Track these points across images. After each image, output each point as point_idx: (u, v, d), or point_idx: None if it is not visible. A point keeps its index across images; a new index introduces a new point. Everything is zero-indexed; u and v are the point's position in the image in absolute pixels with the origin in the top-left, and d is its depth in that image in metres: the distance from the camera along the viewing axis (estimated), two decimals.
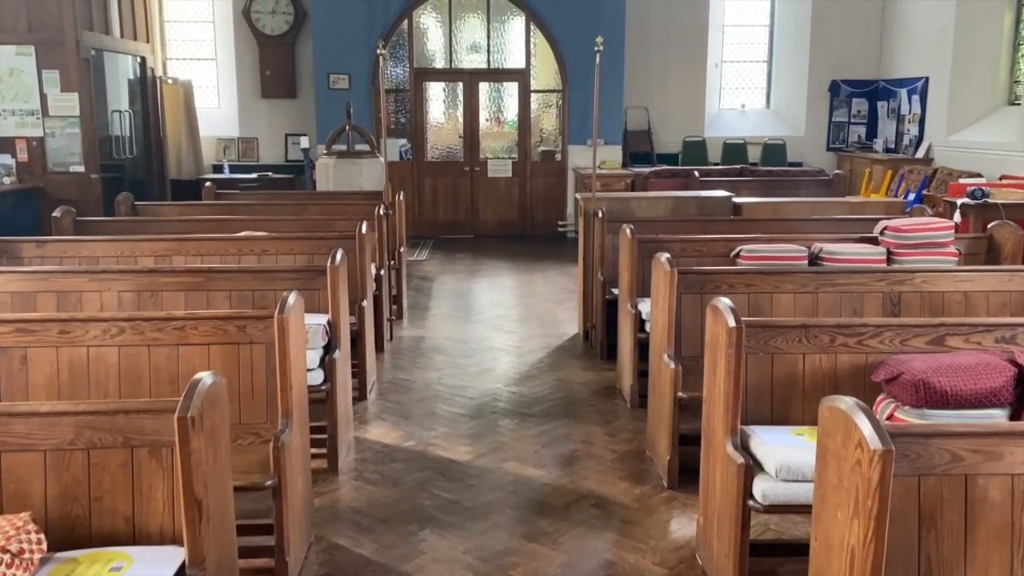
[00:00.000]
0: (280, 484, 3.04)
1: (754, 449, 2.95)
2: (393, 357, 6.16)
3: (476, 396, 5.31)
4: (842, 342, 3.18)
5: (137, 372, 3.34)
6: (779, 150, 12.44)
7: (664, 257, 4.14)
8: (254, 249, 5.42)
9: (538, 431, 4.73)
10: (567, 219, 11.65)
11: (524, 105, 11.61)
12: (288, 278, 4.42)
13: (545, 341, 6.54)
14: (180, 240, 5.43)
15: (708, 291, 4.25)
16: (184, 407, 2.13)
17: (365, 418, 4.95)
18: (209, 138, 11.96)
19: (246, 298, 4.41)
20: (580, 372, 5.80)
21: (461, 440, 4.61)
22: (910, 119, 11.68)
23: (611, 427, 4.79)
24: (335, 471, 4.20)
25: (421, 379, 5.64)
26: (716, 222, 6.14)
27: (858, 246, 5.14)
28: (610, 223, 6.02)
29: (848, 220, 6.15)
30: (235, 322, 3.36)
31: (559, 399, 5.26)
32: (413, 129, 11.64)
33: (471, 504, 3.86)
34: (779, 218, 6.23)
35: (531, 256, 10.19)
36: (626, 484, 4.07)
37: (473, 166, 11.69)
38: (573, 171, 11.51)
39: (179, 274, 4.43)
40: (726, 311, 3.02)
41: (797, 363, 3.19)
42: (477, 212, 11.77)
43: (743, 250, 5.07)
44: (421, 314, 7.42)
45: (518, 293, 8.28)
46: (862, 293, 4.27)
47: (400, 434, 4.70)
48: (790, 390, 3.20)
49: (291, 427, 3.18)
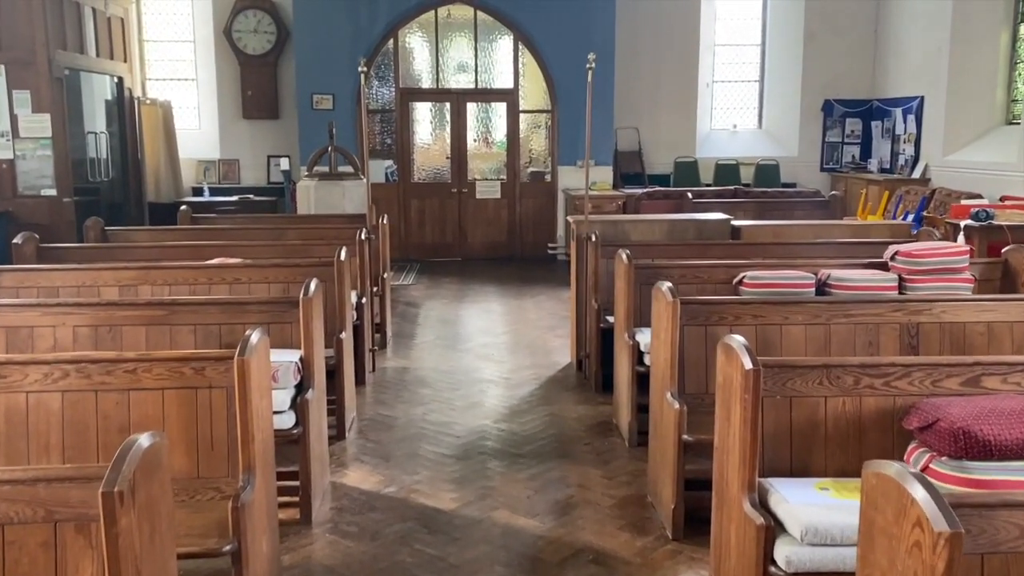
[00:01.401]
0: (240, 549, 2.69)
1: (774, 507, 2.62)
2: (375, 390, 5.81)
3: (463, 434, 4.97)
4: (867, 384, 2.87)
5: (83, 421, 2.99)
6: (772, 171, 12.20)
7: (666, 287, 3.82)
8: (225, 278, 5.08)
9: (529, 474, 4.39)
10: (557, 241, 11.35)
11: (513, 125, 11.34)
12: (258, 311, 4.08)
13: (536, 372, 6.21)
14: (146, 269, 5.09)
15: (713, 323, 3.94)
16: (111, 479, 1.79)
17: (343, 460, 4.59)
18: (189, 160, 11.63)
19: (212, 333, 4.06)
20: (573, 406, 5.46)
21: (446, 485, 4.26)
22: (905, 139, 11.47)
23: (608, 468, 4.46)
24: (308, 522, 3.84)
25: (404, 415, 5.29)
26: (715, 246, 5.84)
27: (868, 272, 4.84)
28: (604, 247, 5.71)
29: (853, 244, 5.87)
30: (192, 364, 3.02)
31: (552, 437, 4.92)
32: (399, 150, 11.34)
33: (457, 561, 3.51)
34: (780, 242, 5.94)
35: (520, 280, 9.87)
36: (626, 535, 3.73)
37: (461, 187, 11.40)
38: (563, 192, 11.23)
39: (140, 307, 4.09)
40: (741, 351, 2.70)
41: (818, 407, 2.87)
42: (465, 234, 11.46)
43: (746, 277, 4.77)
44: (406, 343, 7.08)
45: (507, 319, 7.95)
46: (877, 324, 3.97)
47: (380, 479, 4.34)
48: (811, 437, 2.88)
49: (253, 483, 2.83)
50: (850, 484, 2.72)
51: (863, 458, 2.83)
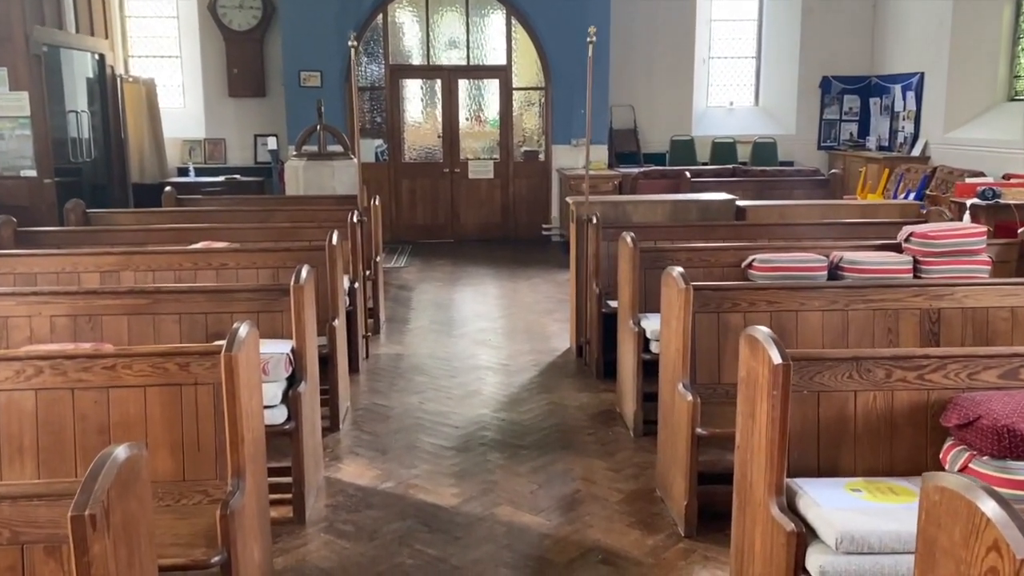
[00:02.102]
0: (230, 559, 2.50)
1: (804, 511, 2.44)
2: (369, 379, 5.61)
3: (461, 424, 4.78)
4: (900, 377, 2.69)
5: (59, 422, 2.78)
6: (769, 149, 12.00)
7: (677, 272, 3.63)
8: (212, 263, 4.86)
9: (532, 467, 4.21)
10: (551, 222, 11.14)
11: (506, 103, 11.09)
12: (247, 299, 3.87)
13: (534, 358, 6.02)
14: (128, 254, 4.86)
15: (726, 310, 3.75)
16: (81, 501, 1.59)
17: (337, 453, 4.40)
18: (174, 139, 11.33)
19: (198, 323, 3.85)
20: (575, 394, 5.28)
21: (446, 480, 4.07)
22: (905, 116, 11.28)
23: (614, 460, 4.28)
24: (302, 521, 3.65)
25: (400, 405, 5.10)
26: (719, 227, 5.65)
27: (882, 255, 4.66)
28: (605, 229, 5.52)
29: (861, 224, 5.69)
30: (176, 359, 2.81)
31: (554, 427, 4.74)
32: (389, 129, 11.08)
33: (459, 562, 3.33)
34: (787, 223, 5.75)
35: (515, 262, 9.66)
36: (637, 533, 3.56)
37: (453, 167, 11.15)
38: (557, 172, 11.00)
39: (121, 296, 3.86)
40: (768, 343, 2.51)
41: (847, 402, 2.69)
42: (457, 215, 11.23)
43: (756, 260, 4.58)
44: (400, 328, 6.87)
45: (503, 303, 7.75)
46: (897, 310, 3.79)
47: (377, 473, 4.15)
48: (839, 435, 2.70)
49: (243, 488, 2.63)
50: (883, 485, 2.55)
51: (895, 456, 2.67)
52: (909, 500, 2.44)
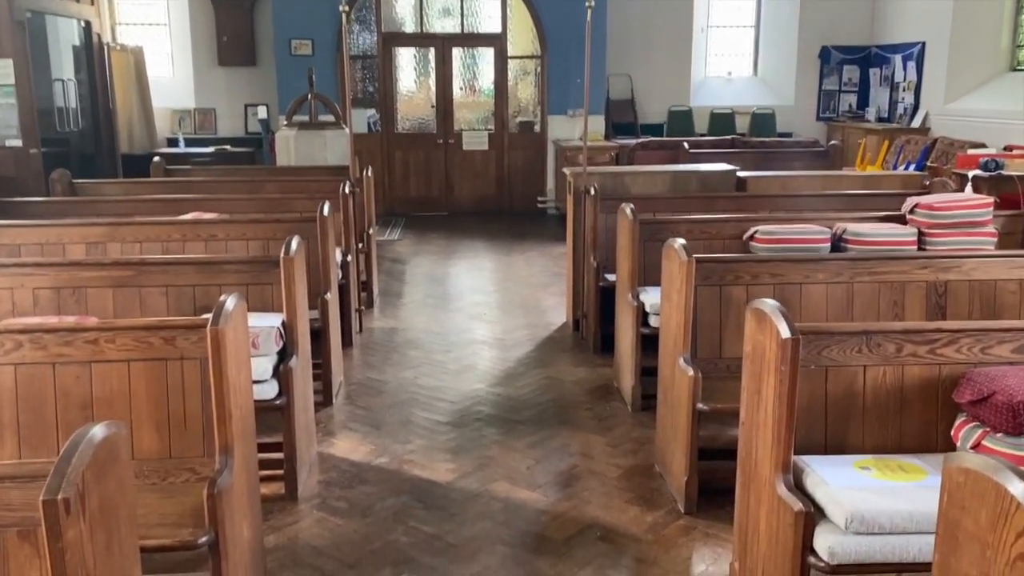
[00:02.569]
0: (218, 540, 2.42)
1: (812, 489, 2.36)
2: (363, 353, 5.52)
3: (457, 399, 4.70)
4: (910, 351, 2.60)
5: (40, 397, 2.68)
6: (768, 120, 11.86)
7: (679, 244, 3.53)
8: (200, 234, 4.74)
9: (529, 442, 4.13)
10: (547, 195, 11.01)
11: (500, 73, 10.91)
12: (236, 272, 3.76)
13: (530, 332, 5.93)
14: (115, 225, 4.74)
15: (728, 282, 3.66)
16: (54, 485, 1.49)
17: (330, 428, 4.32)
18: (163, 109, 11.14)
19: (186, 295, 3.74)
20: (571, 368, 5.19)
21: (441, 455, 3.99)
22: (905, 87, 11.14)
23: (612, 436, 4.20)
24: (294, 498, 3.57)
25: (394, 379, 5.01)
26: (720, 199, 5.55)
27: (886, 227, 4.57)
28: (603, 201, 5.41)
29: (864, 196, 5.59)
30: (161, 333, 2.71)
31: (550, 402, 4.66)
32: (382, 98, 10.90)
33: (455, 540, 3.26)
34: (788, 194, 5.64)
35: (510, 235, 9.55)
36: (635, 509, 3.49)
37: (447, 138, 10.99)
38: (553, 143, 10.85)
39: (106, 267, 3.75)
40: (776, 317, 2.42)
41: (856, 377, 2.61)
42: (452, 187, 11.09)
43: (758, 232, 4.48)
44: (393, 302, 6.77)
45: (498, 277, 7.65)
46: (903, 283, 3.70)
47: (371, 448, 4.07)
48: (848, 411, 2.62)
49: (231, 466, 2.54)
50: (892, 462, 2.47)
51: (904, 433, 2.59)
52: (920, 478, 2.36)
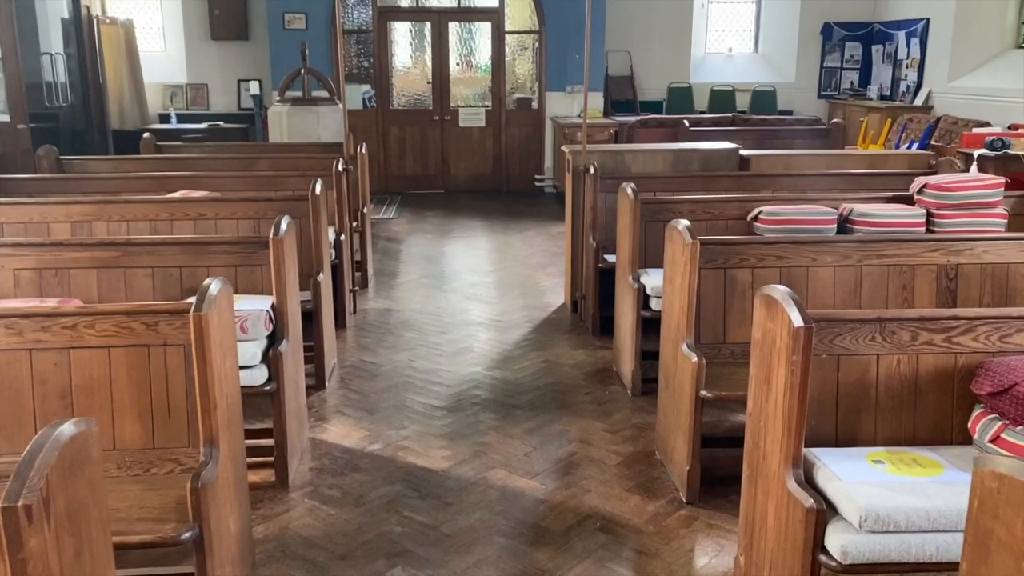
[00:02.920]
0: (202, 535, 2.31)
1: (823, 484, 2.26)
2: (357, 335, 5.40)
3: (453, 383, 4.59)
4: (926, 340, 2.49)
5: (16, 386, 2.57)
6: (769, 97, 11.70)
7: (683, 225, 3.41)
8: (189, 213, 4.60)
9: (527, 428, 4.03)
10: (545, 173, 10.86)
11: (497, 48, 10.72)
12: (224, 252, 3.64)
13: (528, 314, 5.82)
14: (101, 203, 4.60)
15: (733, 265, 3.54)
16: (14, 490, 1.37)
17: (323, 412, 4.21)
18: (155, 84, 10.95)
19: (172, 277, 3.62)
20: (570, 351, 5.09)
21: (437, 441, 3.89)
22: (908, 64, 10.97)
23: (611, 421, 4.10)
24: (284, 486, 3.47)
25: (389, 362, 4.90)
26: (722, 178, 5.42)
27: (894, 207, 4.45)
28: (603, 180, 5.28)
29: (869, 175, 5.46)
30: (143, 318, 2.59)
31: (548, 386, 4.56)
32: (377, 74, 10.71)
33: (451, 531, 3.16)
34: (792, 173, 5.52)
35: (507, 214, 9.41)
36: (636, 499, 3.39)
37: (443, 115, 10.82)
38: (551, 120, 10.69)
39: (90, 248, 3.62)
40: (788, 304, 2.30)
41: (869, 367, 2.50)
42: (448, 165, 10.93)
43: (763, 212, 4.36)
44: (388, 282, 6.65)
45: (495, 257, 7.53)
46: (912, 266, 3.59)
47: (364, 434, 3.97)
48: (860, 401, 2.51)
49: (216, 458, 2.43)
50: (906, 456, 2.37)
51: (918, 424, 2.48)
52: (936, 473, 2.26)
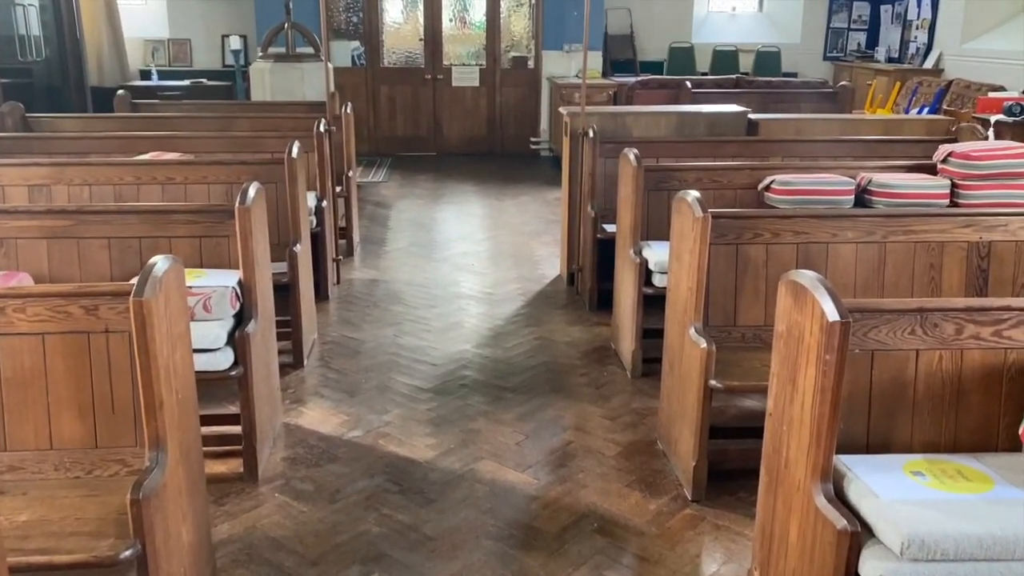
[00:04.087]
0: (145, 552, 2.02)
1: (856, 501, 1.98)
2: (340, 307, 5.09)
3: (440, 362, 4.30)
4: (972, 333, 2.19)
5: None
6: (773, 59, 11.30)
7: (692, 197, 3.09)
8: (156, 176, 4.26)
9: (518, 414, 3.74)
10: (540, 135, 10.49)
11: (493, 4, 10.27)
12: (186, 222, 3.30)
13: (521, 286, 5.51)
14: (61, 165, 4.26)
15: (746, 240, 3.23)
16: None
17: (300, 394, 3.92)
18: (135, 39, 10.49)
19: (131, 249, 3.29)
20: (565, 327, 4.79)
21: (421, 428, 3.60)
22: (918, 25, 10.57)
23: (609, 406, 3.82)
24: (254, 478, 3.18)
25: (373, 338, 4.60)
26: (730, 143, 5.08)
27: (915, 178, 4.13)
28: (603, 144, 4.94)
29: (886, 142, 5.13)
30: (81, 301, 2.27)
31: (542, 365, 4.27)
32: (367, 30, 10.27)
33: (434, 532, 2.88)
34: (803, 138, 5.18)
35: (501, 178, 9.06)
36: (636, 495, 3.11)
37: (435, 74, 10.40)
38: (547, 80, 10.28)
39: (39, 216, 3.29)
40: (820, 293, 2.00)
41: (907, 363, 2.20)
42: (440, 127, 10.54)
43: (775, 182, 4.04)
44: (375, 250, 6.32)
45: (488, 224, 7.20)
46: (941, 243, 3.28)
47: (343, 419, 3.68)
48: (896, 402, 2.22)
49: (163, 463, 2.13)
50: (949, 466, 2.09)
51: (960, 429, 2.19)
52: (986, 488, 1.98)
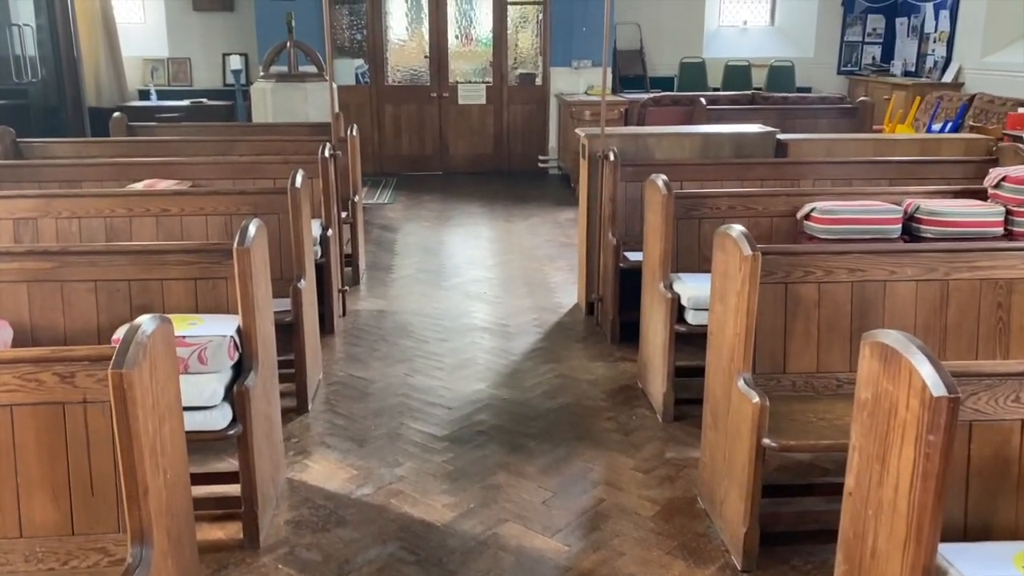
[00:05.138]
0: None
1: None
2: (346, 342, 4.80)
3: (454, 404, 4.00)
4: None
5: None
6: (786, 73, 11.03)
7: (738, 232, 2.79)
8: (150, 208, 3.98)
9: (542, 465, 3.44)
10: (549, 153, 10.22)
11: (499, 20, 10.03)
12: (180, 263, 3.01)
13: (537, 316, 5.21)
14: (48, 197, 3.98)
15: (796, 279, 2.93)
16: None
17: (304, 444, 3.62)
18: (134, 58, 10.26)
19: (119, 293, 3.00)
20: (586, 363, 4.49)
21: (437, 483, 3.30)
22: (936, 38, 10.30)
23: (641, 457, 3.51)
24: (254, 545, 2.87)
25: (382, 377, 4.30)
26: (758, 165, 4.80)
27: (966, 204, 3.85)
28: (624, 168, 4.66)
29: (923, 163, 4.84)
30: (55, 367, 1.98)
31: (564, 408, 3.96)
32: (371, 48, 10.03)
33: None
34: (835, 160, 4.89)
35: (510, 198, 8.78)
36: (680, 565, 2.80)
37: (441, 92, 10.15)
38: (556, 97, 10.03)
39: (19, 257, 3.00)
40: (918, 359, 1.70)
41: (1010, 436, 1.90)
42: (447, 145, 10.27)
43: (816, 210, 3.76)
44: (382, 278, 6.03)
45: (498, 247, 6.91)
46: (1010, 280, 2.98)
47: (352, 474, 3.37)
48: (998, 480, 1.92)
49: (148, 560, 1.83)
50: None
51: None
52: None
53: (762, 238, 3.79)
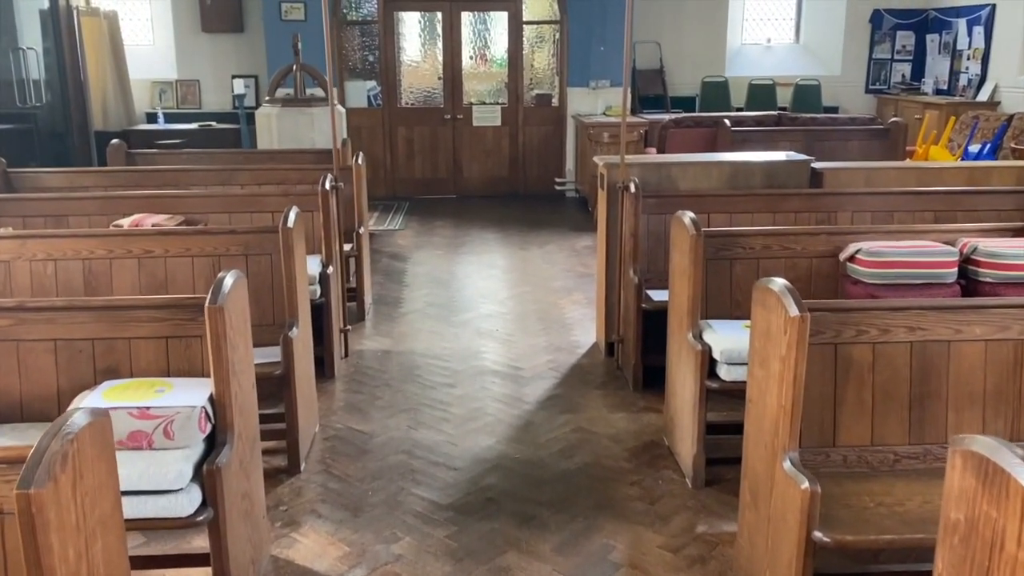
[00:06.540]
0: None
1: None
2: (348, 387, 4.46)
3: (461, 464, 3.64)
4: None
5: None
6: (813, 92, 10.65)
7: (781, 285, 2.43)
8: (132, 249, 3.69)
9: (557, 543, 3.07)
10: (566, 176, 9.88)
11: (515, 40, 9.73)
12: (149, 320, 2.69)
13: (553, 358, 4.85)
14: (22, 238, 3.69)
15: (847, 339, 2.56)
16: None
17: (294, 513, 3.27)
18: (142, 81, 10.06)
19: (82, 354, 2.68)
20: (606, 414, 4.12)
21: (439, 565, 2.93)
22: (970, 55, 9.90)
23: (669, 531, 3.13)
24: None
25: (383, 430, 3.95)
26: (791, 197, 4.43)
27: None
28: (646, 199, 4.32)
29: (971, 194, 4.46)
30: None
31: (582, 470, 3.59)
32: (383, 69, 9.75)
33: None
34: (875, 191, 4.52)
35: (525, 223, 8.44)
36: None
37: (455, 113, 9.85)
38: (573, 119, 9.70)
39: None
40: (1012, 465, 1.33)
41: None
42: (460, 168, 9.97)
43: (862, 251, 3.38)
44: (390, 313, 5.70)
45: (512, 278, 6.56)
46: None
47: (344, 551, 3.02)
48: None
49: None
50: None
51: None
52: None
53: (800, 281, 3.43)
